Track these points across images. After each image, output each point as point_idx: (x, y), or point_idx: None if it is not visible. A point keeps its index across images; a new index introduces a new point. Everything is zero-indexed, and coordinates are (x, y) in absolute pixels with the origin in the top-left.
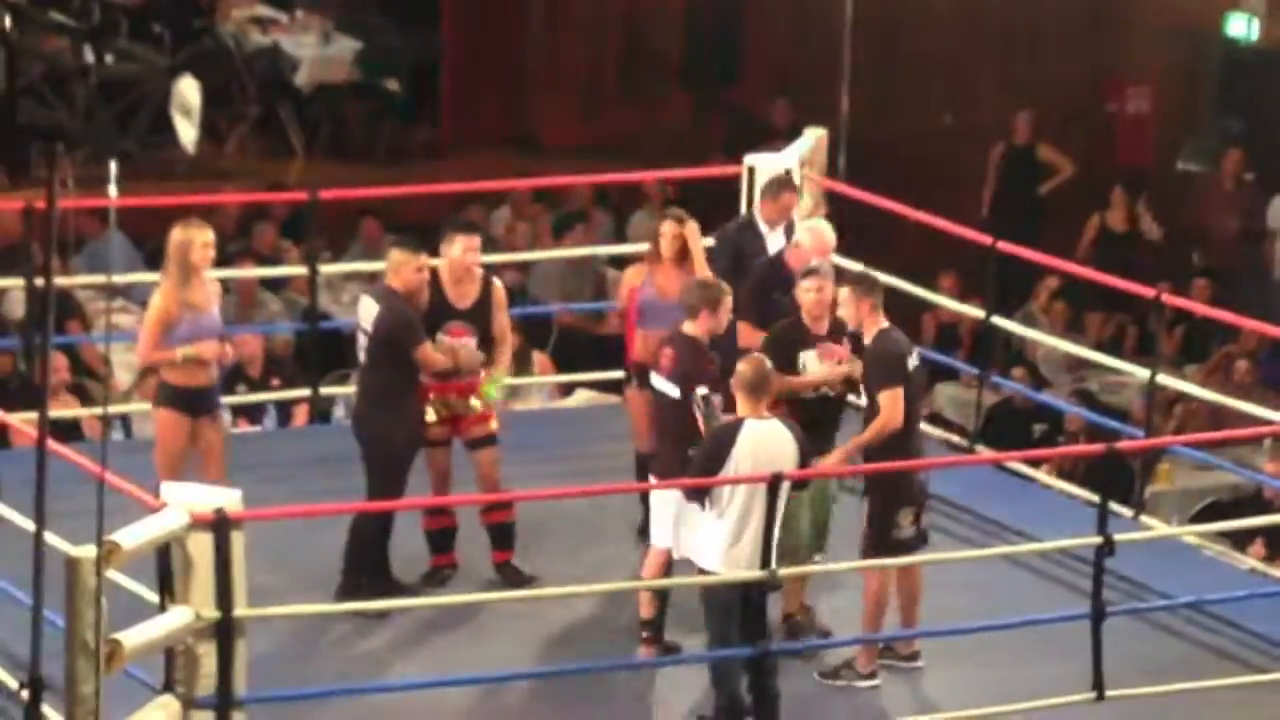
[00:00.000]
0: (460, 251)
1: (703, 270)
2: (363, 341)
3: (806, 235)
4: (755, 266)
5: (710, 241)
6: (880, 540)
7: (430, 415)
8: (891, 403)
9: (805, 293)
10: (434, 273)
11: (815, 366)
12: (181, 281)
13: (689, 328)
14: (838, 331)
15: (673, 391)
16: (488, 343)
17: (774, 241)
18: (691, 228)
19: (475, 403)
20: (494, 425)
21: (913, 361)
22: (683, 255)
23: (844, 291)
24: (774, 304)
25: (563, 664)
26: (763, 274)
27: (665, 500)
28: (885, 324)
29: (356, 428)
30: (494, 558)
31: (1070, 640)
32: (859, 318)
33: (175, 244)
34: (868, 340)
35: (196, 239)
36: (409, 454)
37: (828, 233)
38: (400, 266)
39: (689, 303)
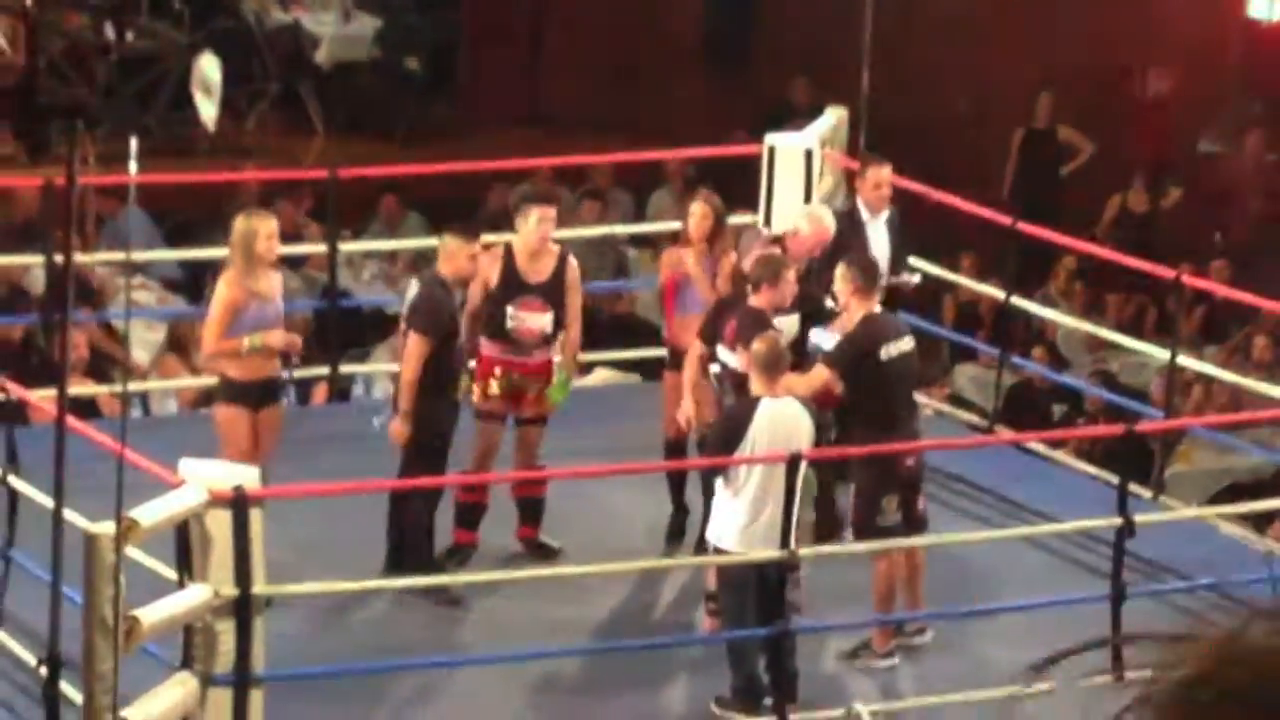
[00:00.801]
0: (535, 223)
1: (725, 249)
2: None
3: (805, 223)
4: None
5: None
6: (865, 525)
7: (494, 388)
8: (813, 377)
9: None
10: (508, 247)
11: None
12: (246, 272)
13: (754, 300)
14: (802, 306)
15: (734, 362)
16: (561, 319)
17: (875, 231)
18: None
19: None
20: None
21: (894, 349)
22: (712, 236)
23: (840, 269)
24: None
25: (581, 643)
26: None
27: None
28: (875, 310)
29: (396, 409)
30: (520, 532)
31: (1090, 621)
32: (846, 298)
33: (240, 234)
34: (854, 321)
35: (261, 229)
36: (448, 438)
37: (827, 219)
38: (454, 254)
39: (752, 277)
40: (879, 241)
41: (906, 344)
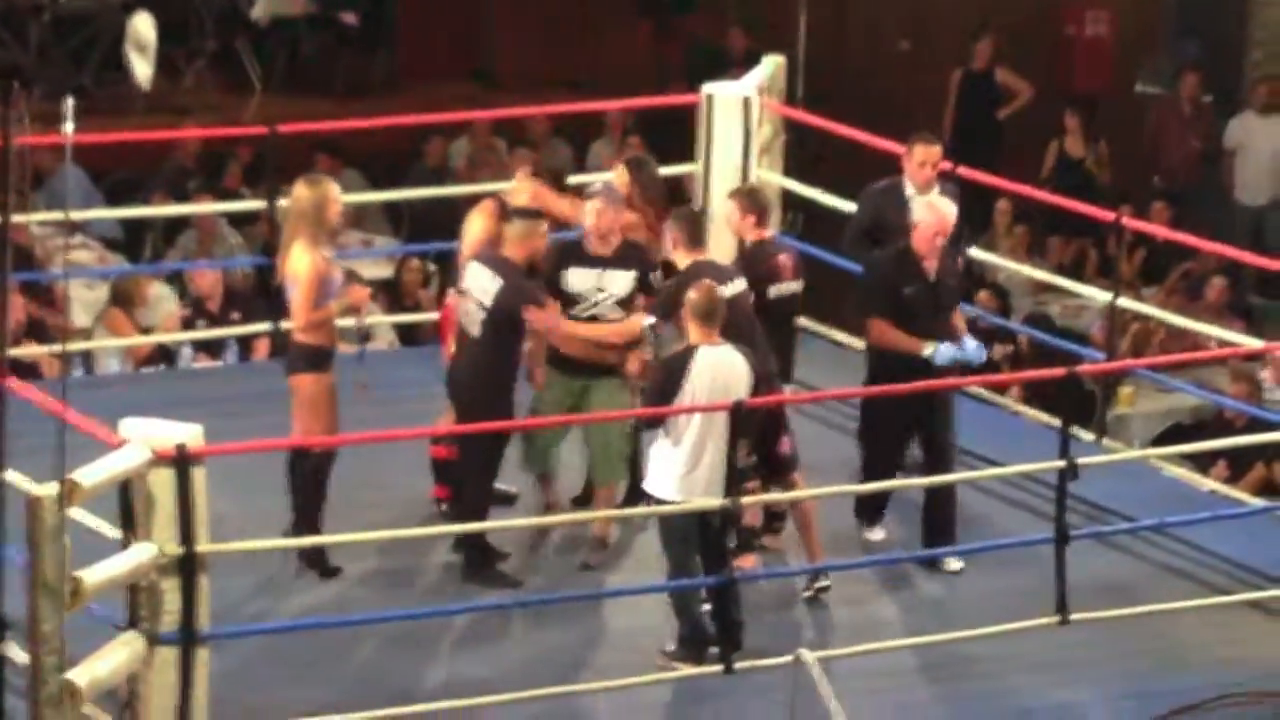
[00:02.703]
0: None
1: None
2: (471, 309)
3: (926, 211)
4: (879, 259)
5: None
6: None
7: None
8: (630, 323)
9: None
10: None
11: (580, 283)
12: (319, 239)
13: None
14: (626, 257)
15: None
16: None
17: (920, 209)
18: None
19: None
20: None
21: (732, 289)
22: (628, 202)
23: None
24: (905, 298)
25: (528, 595)
26: (890, 267)
27: None
28: (702, 259)
29: (454, 391)
30: None
31: (1033, 564)
32: (740, 231)
33: (310, 202)
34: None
35: (331, 194)
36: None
37: (944, 205)
38: (527, 236)
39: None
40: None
41: (737, 286)
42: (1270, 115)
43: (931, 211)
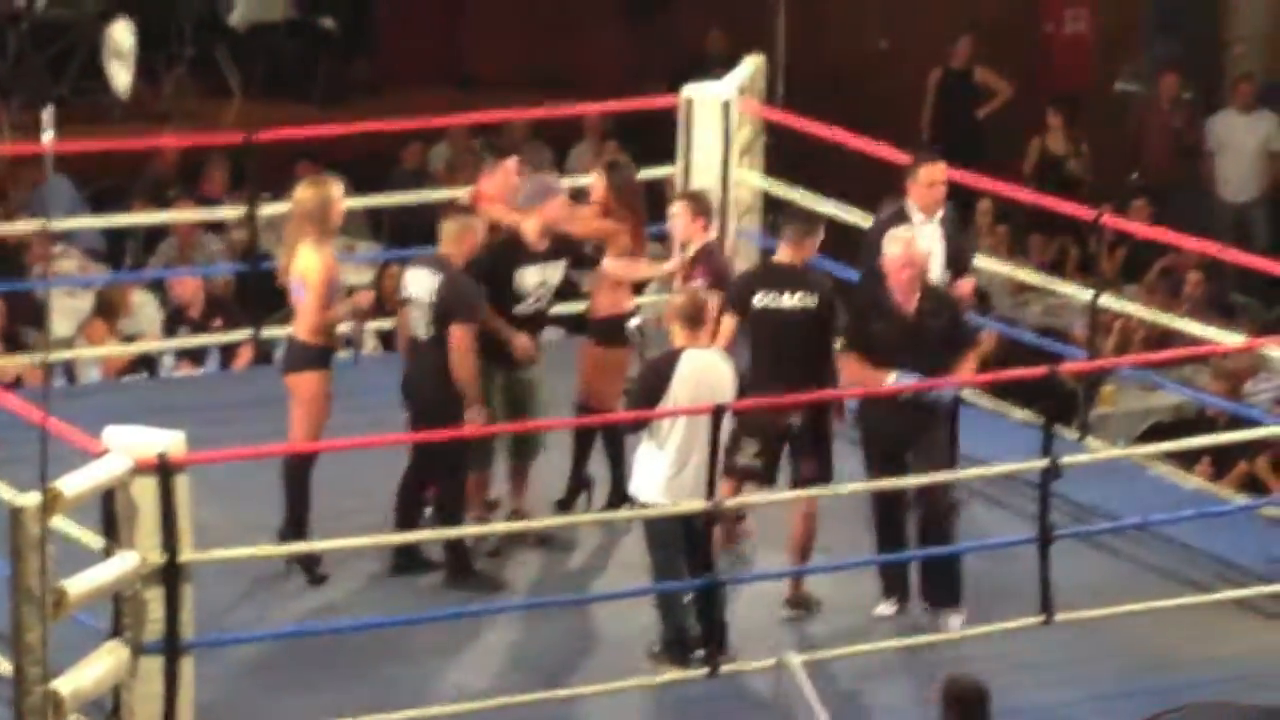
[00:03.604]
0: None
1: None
2: (416, 314)
3: (890, 245)
4: (857, 295)
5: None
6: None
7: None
8: (724, 327)
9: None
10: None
11: (530, 280)
12: (326, 239)
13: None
14: (560, 249)
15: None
16: None
17: (926, 234)
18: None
19: None
20: None
21: (771, 300)
22: (605, 207)
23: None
24: (874, 336)
25: (510, 600)
26: (863, 303)
27: None
28: (783, 259)
29: (408, 391)
30: None
31: (1017, 564)
32: (689, 234)
33: (316, 203)
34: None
35: (336, 194)
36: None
37: (916, 240)
38: (464, 233)
39: (700, 210)
40: (931, 245)
41: (792, 300)
42: (1251, 112)
43: (895, 245)
